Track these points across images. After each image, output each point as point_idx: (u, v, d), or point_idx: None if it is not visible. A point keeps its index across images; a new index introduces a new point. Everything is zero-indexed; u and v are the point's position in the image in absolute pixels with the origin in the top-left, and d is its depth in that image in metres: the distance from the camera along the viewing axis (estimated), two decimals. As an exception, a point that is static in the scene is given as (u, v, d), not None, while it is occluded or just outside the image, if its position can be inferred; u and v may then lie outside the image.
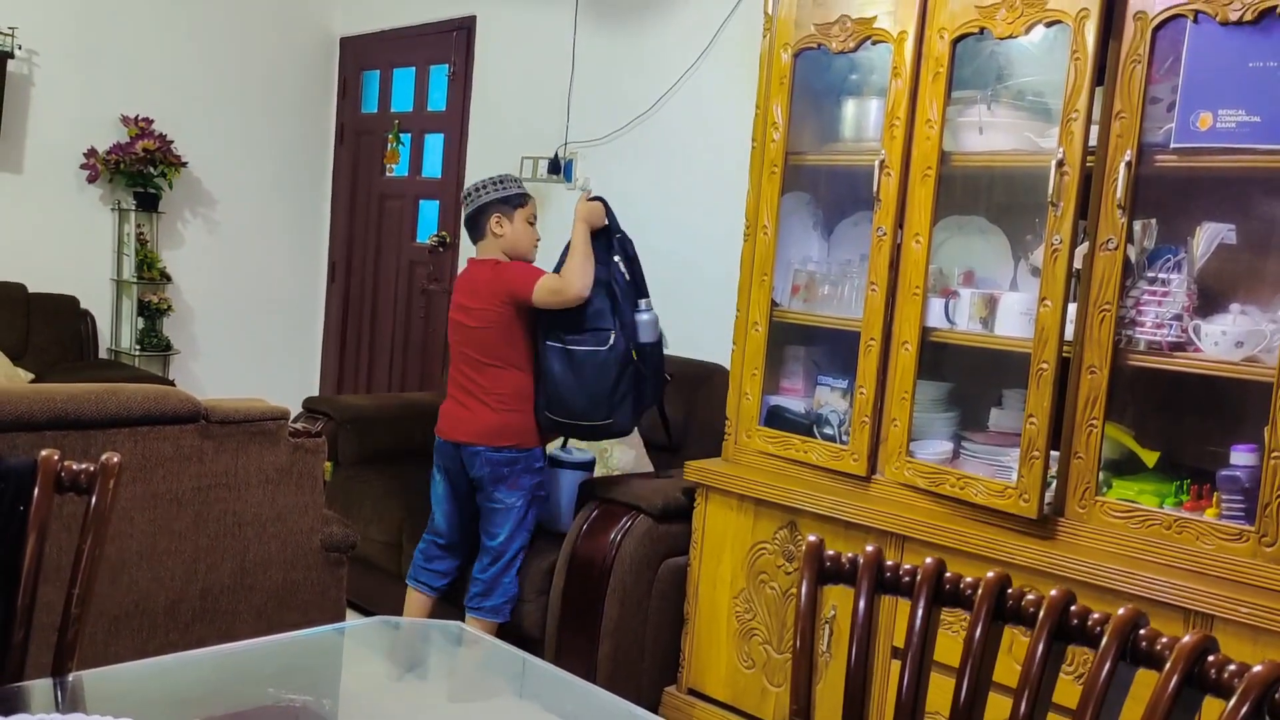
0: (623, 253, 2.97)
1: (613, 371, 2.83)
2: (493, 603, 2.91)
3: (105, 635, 2.14)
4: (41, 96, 4.54)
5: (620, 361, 2.84)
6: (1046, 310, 2.20)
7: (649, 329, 2.93)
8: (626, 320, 2.88)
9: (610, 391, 2.84)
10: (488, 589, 2.92)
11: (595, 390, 2.84)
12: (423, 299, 4.92)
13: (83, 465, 1.30)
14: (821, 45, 2.64)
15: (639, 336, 2.90)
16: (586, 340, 2.84)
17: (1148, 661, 1.00)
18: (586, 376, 2.84)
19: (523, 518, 2.93)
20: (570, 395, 2.84)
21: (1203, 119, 2.07)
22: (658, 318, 2.97)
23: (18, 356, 4.26)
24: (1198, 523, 2.05)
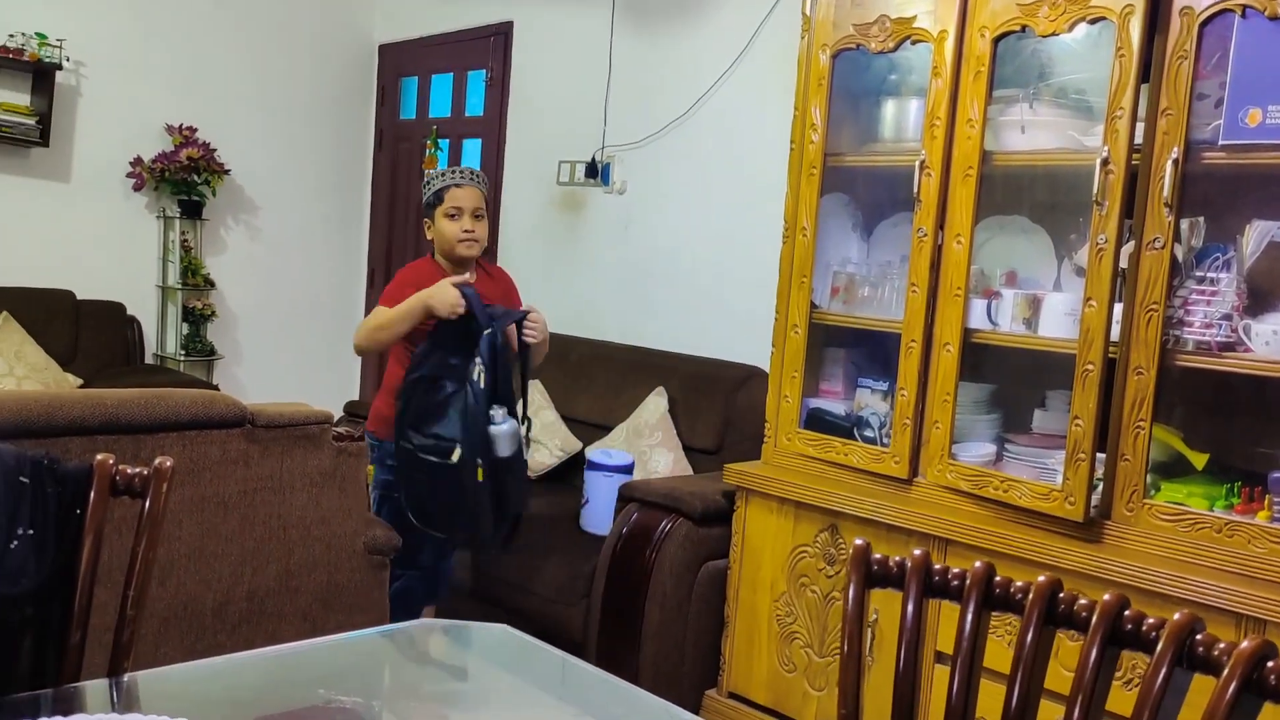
0: (489, 353, 2.61)
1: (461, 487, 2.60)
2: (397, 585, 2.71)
3: (155, 636, 2.18)
4: (88, 107, 4.63)
5: (467, 478, 2.59)
6: (1092, 310, 2.18)
7: (506, 442, 2.63)
8: (480, 431, 2.58)
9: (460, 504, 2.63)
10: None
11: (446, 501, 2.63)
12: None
13: (136, 469, 1.32)
14: (860, 46, 2.63)
15: (495, 451, 2.61)
16: (430, 449, 2.61)
17: (1205, 667, 0.98)
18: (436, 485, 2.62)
19: (376, 509, 2.74)
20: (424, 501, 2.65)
21: (1252, 115, 2.03)
22: (517, 428, 2.67)
23: (67, 362, 4.35)
24: (1249, 526, 2.01)
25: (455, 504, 2.64)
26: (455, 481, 2.60)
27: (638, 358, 3.78)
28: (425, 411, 2.62)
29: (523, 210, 4.59)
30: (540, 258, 4.49)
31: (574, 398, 3.87)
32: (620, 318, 4.10)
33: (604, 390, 3.78)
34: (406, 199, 5.31)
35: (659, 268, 3.98)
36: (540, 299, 4.45)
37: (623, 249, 4.14)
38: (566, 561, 3.03)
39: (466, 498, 2.62)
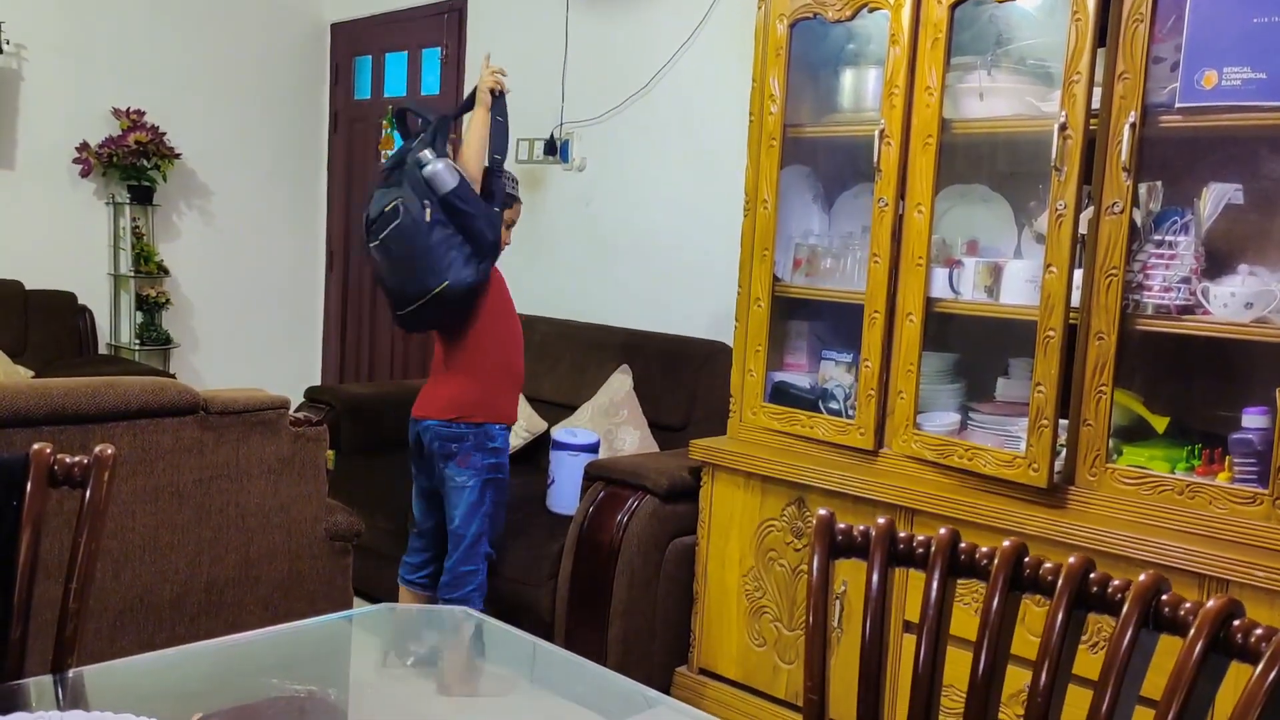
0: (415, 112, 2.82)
1: (420, 236, 2.64)
2: (459, 594, 2.77)
3: (110, 630, 2.13)
4: (31, 91, 4.50)
5: (421, 223, 2.64)
6: (1052, 277, 2.17)
7: (446, 176, 2.67)
8: (413, 181, 2.67)
9: (428, 255, 2.65)
10: (454, 580, 2.79)
11: (415, 263, 2.66)
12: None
13: (76, 458, 1.28)
14: (817, 15, 2.60)
15: (437, 190, 2.66)
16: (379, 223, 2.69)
17: (1171, 628, 0.97)
18: (397, 254, 2.67)
19: (477, 500, 2.76)
20: (396, 282, 2.69)
21: (1207, 77, 2.03)
22: (449, 162, 2.71)
23: (17, 354, 4.24)
24: (1210, 487, 2.03)
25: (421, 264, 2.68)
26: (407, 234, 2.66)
27: (601, 336, 3.75)
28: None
29: (482, 190, 4.53)
30: (501, 237, 4.43)
31: (538, 378, 3.83)
32: (583, 296, 4.06)
33: (568, 369, 3.75)
34: (364, 180, 5.22)
35: (621, 245, 3.95)
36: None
37: (584, 226, 4.10)
38: (533, 542, 3.00)
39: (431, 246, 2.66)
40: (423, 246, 2.65)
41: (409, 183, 2.69)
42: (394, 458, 3.71)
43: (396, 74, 5.06)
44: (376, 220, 2.70)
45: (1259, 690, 0.89)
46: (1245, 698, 0.90)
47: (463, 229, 2.69)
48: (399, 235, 2.65)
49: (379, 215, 2.69)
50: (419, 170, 2.68)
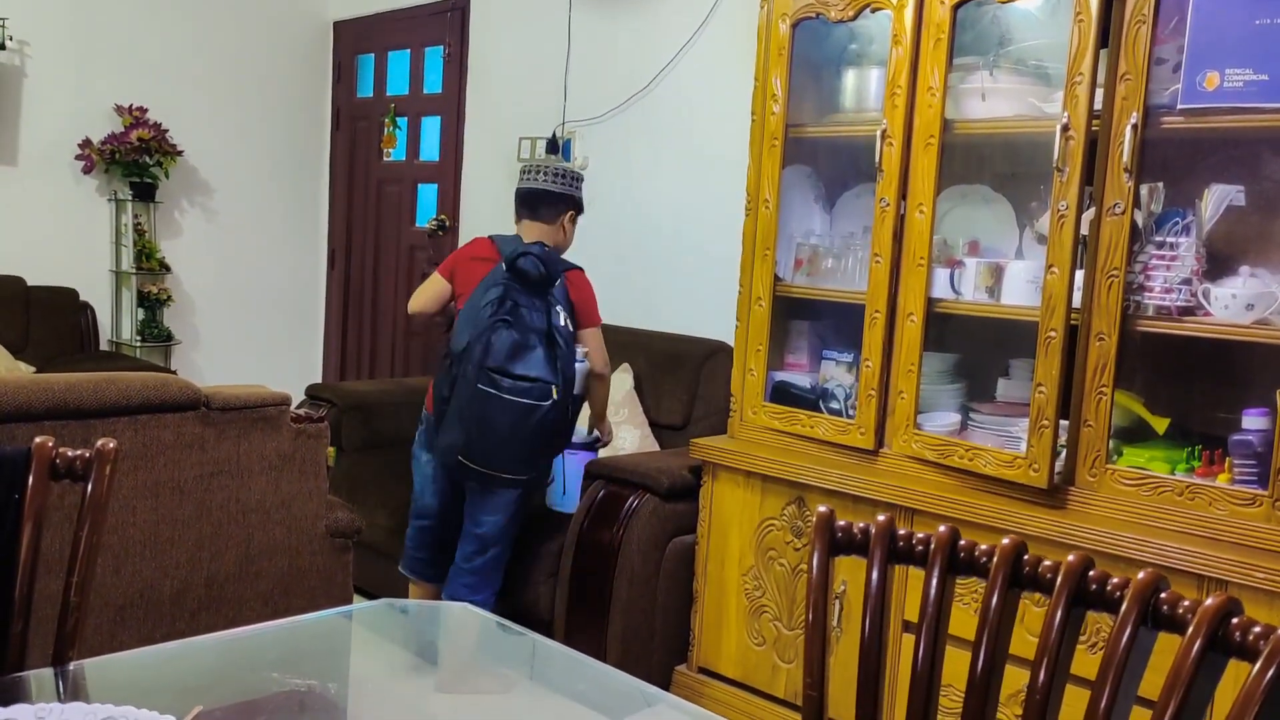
0: (563, 296, 2.73)
1: (548, 427, 2.63)
2: (481, 597, 2.76)
3: (111, 625, 2.13)
4: (34, 88, 4.50)
5: (557, 417, 2.65)
6: (1054, 278, 2.17)
7: (582, 381, 2.76)
8: (569, 374, 2.66)
9: (539, 446, 2.68)
10: (477, 583, 2.77)
11: (525, 443, 2.64)
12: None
13: (78, 452, 1.28)
14: (820, 15, 2.60)
15: (575, 388, 2.71)
16: (526, 391, 2.59)
17: (1170, 626, 0.97)
18: (519, 429, 2.60)
19: (519, 509, 2.79)
20: (497, 445, 2.62)
21: (1209, 79, 2.03)
22: (588, 367, 2.79)
23: (18, 350, 4.25)
24: (1210, 488, 2.03)
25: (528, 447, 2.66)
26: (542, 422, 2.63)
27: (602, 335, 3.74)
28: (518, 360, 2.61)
29: (483, 188, 4.53)
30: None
31: (539, 376, 3.83)
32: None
33: (569, 368, 3.74)
34: (365, 178, 5.23)
35: (622, 244, 3.95)
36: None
37: (585, 225, 4.08)
38: (533, 540, 3.00)
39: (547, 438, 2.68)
40: (543, 436, 2.66)
41: (564, 375, 2.65)
42: (394, 455, 3.72)
43: (399, 72, 5.06)
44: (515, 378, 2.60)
45: (1257, 688, 0.89)
46: (1243, 696, 0.91)
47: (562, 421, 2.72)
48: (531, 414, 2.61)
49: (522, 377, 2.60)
50: (574, 364, 2.70)
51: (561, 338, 2.66)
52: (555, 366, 2.62)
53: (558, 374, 2.62)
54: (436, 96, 4.83)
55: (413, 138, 4.97)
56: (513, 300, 2.64)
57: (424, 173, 4.94)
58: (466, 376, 2.61)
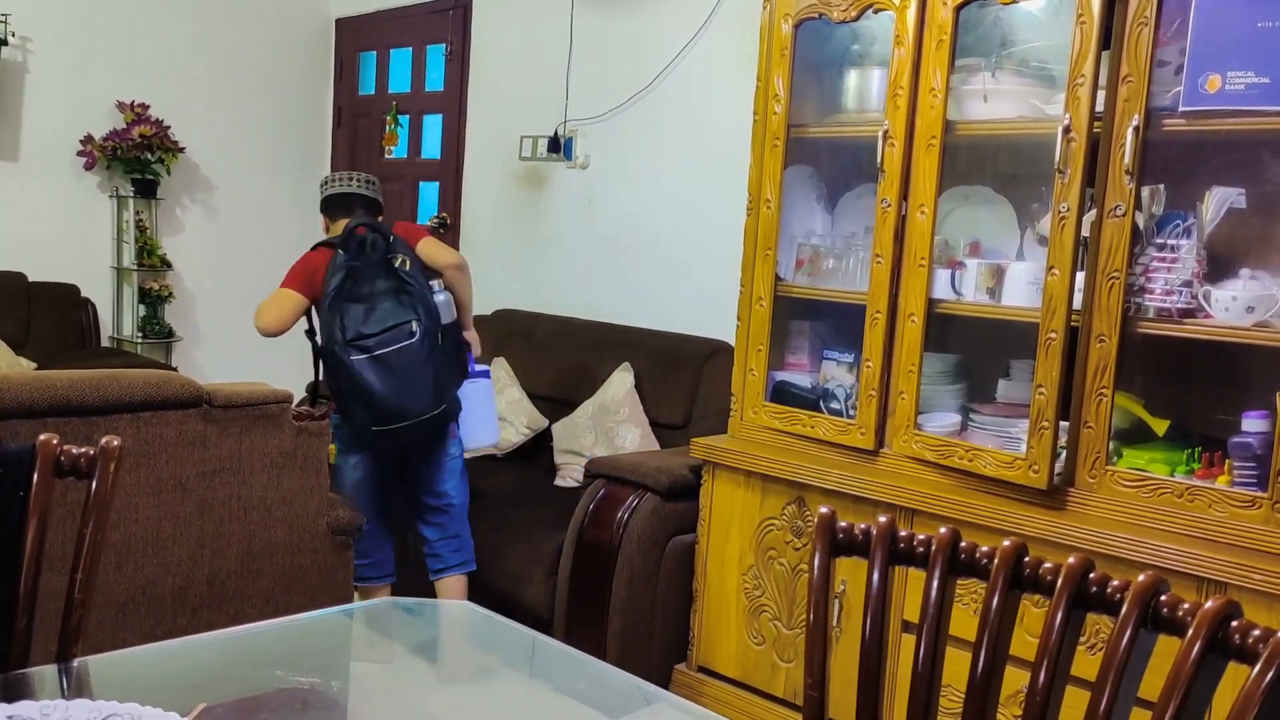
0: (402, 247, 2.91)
1: (429, 356, 2.78)
2: (465, 555, 3.01)
3: (113, 622, 2.13)
4: (36, 84, 4.50)
5: (431, 344, 2.78)
6: (1054, 279, 2.18)
7: (446, 309, 2.89)
8: (429, 305, 2.82)
9: (432, 377, 2.79)
10: (460, 544, 3.00)
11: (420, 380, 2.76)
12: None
13: (82, 449, 1.28)
14: (822, 15, 2.60)
15: (441, 317, 2.85)
16: (391, 340, 2.75)
17: (1170, 628, 0.98)
18: (406, 371, 2.75)
19: (464, 467, 3.03)
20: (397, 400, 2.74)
21: (1211, 81, 2.04)
22: (449, 296, 2.93)
23: (20, 346, 4.25)
24: (1209, 490, 2.03)
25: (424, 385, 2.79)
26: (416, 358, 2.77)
27: (603, 334, 3.75)
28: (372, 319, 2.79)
29: (484, 186, 4.54)
30: (503, 234, 4.44)
31: (539, 375, 3.84)
32: (585, 294, 4.07)
33: (569, 367, 3.75)
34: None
35: (623, 243, 3.95)
36: (503, 276, 4.42)
37: (586, 224, 4.10)
38: (533, 539, 3.01)
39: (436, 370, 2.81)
40: (429, 371, 2.78)
41: (421, 306, 2.79)
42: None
43: (401, 70, 5.06)
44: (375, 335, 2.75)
45: (1256, 690, 0.90)
46: (1242, 698, 0.91)
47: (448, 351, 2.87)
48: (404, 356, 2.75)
49: (380, 331, 2.75)
50: (431, 296, 2.83)
51: (409, 280, 2.82)
52: (409, 305, 2.79)
53: (414, 310, 2.78)
54: (438, 94, 4.83)
55: (414, 135, 4.97)
56: (353, 279, 2.82)
57: (425, 171, 4.94)
58: (338, 357, 2.75)
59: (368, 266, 2.84)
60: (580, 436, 3.49)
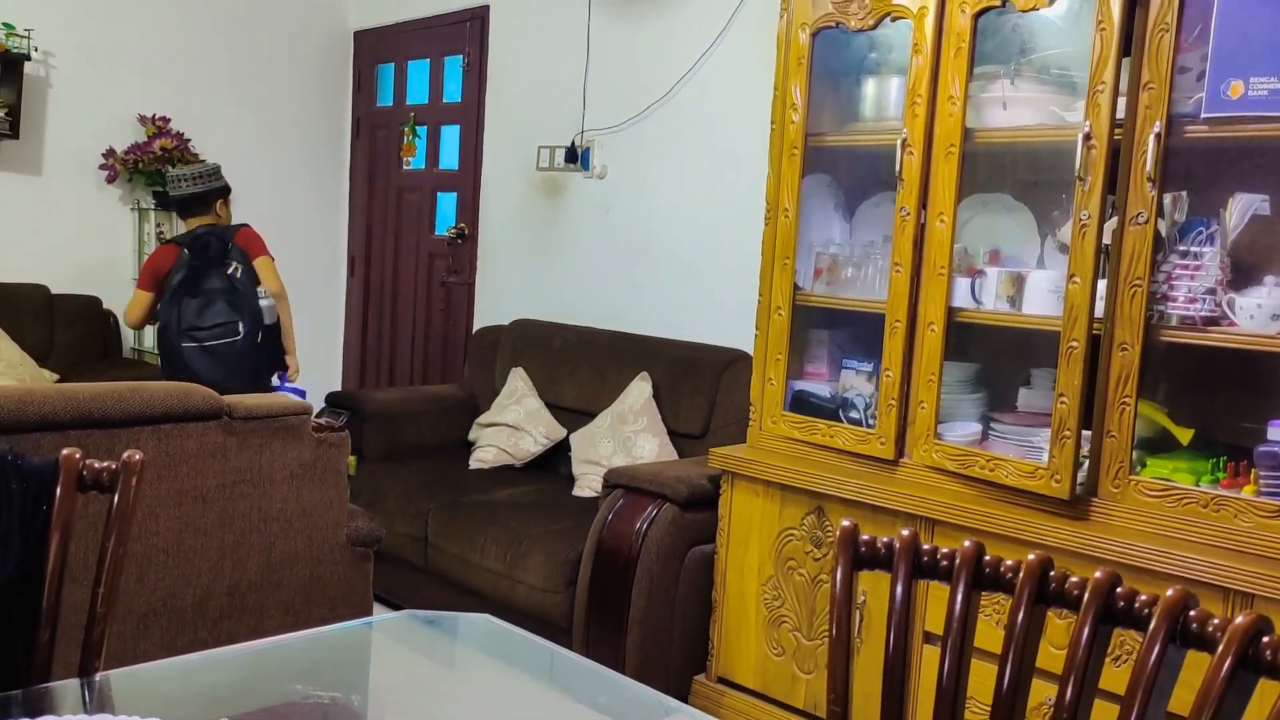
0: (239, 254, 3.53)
1: (250, 351, 3.44)
2: None
3: (134, 633, 2.14)
4: (58, 98, 4.55)
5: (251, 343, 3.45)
6: (1076, 287, 2.16)
7: (269, 313, 3.51)
8: (254, 309, 3.46)
9: (250, 368, 3.43)
10: None
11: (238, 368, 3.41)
12: (442, 291, 4.92)
13: (105, 463, 1.29)
14: (840, 24, 2.60)
15: (265, 319, 3.48)
16: (221, 334, 3.42)
17: (1199, 643, 0.97)
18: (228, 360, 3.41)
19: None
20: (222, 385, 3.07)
21: (1234, 87, 2.02)
22: (273, 302, 3.53)
23: (42, 358, 4.29)
24: (1235, 500, 2.01)
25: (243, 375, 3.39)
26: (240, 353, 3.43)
27: (621, 343, 3.75)
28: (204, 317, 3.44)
29: (502, 196, 4.55)
30: (521, 244, 4.45)
31: (557, 385, 3.84)
32: (602, 303, 4.07)
33: (588, 377, 3.75)
34: (385, 186, 5.25)
35: (641, 252, 3.96)
36: (521, 285, 4.43)
37: (604, 234, 4.11)
38: (551, 549, 3.01)
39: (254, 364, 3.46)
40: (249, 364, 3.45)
41: (247, 309, 3.46)
42: (415, 463, 3.73)
43: (419, 81, 5.09)
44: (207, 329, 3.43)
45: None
46: (1273, 715, 0.90)
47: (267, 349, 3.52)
48: (230, 350, 3.44)
49: (211, 326, 3.43)
50: (257, 302, 3.48)
51: (239, 285, 3.45)
52: (237, 307, 3.44)
53: (240, 312, 3.44)
54: (456, 105, 4.85)
55: (432, 146, 4.99)
56: (192, 277, 3.43)
57: (443, 181, 4.96)
58: (173, 344, 3.41)
59: (206, 266, 3.46)
60: (598, 446, 3.49)
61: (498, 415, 3.86)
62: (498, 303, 4.53)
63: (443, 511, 3.31)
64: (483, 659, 1.70)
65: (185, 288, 3.43)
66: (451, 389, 4.27)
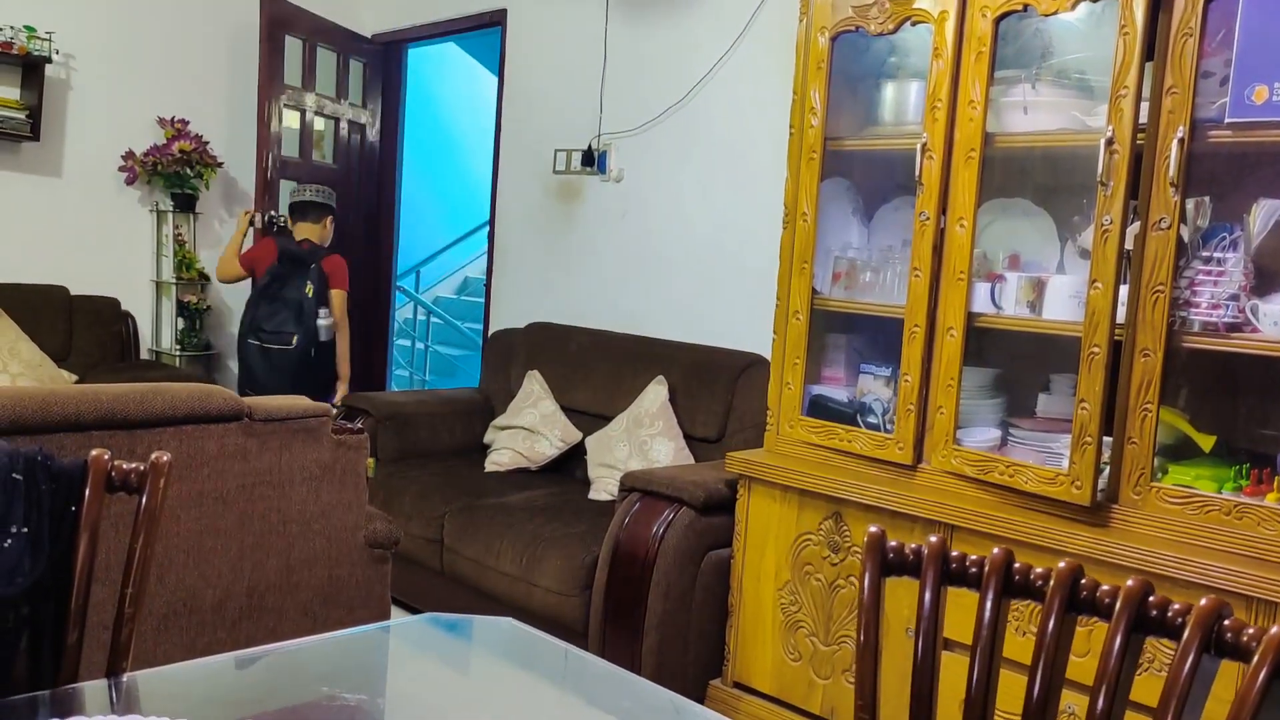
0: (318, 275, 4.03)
1: (298, 361, 3.95)
2: None
3: (154, 633, 2.15)
4: (79, 100, 4.58)
5: (301, 356, 3.96)
6: (1097, 293, 2.15)
7: (326, 332, 4.01)
8: (310, 327, 3.97)
9: (293, 376, 3.90)
10: None
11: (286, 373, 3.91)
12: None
13: (133, 465, 1.29)
14: (859, 28, 2.60)
15: (319, 337, 3.99)
16: (275, 339, 3.96)
17: (1234, 653, 0.96)
18: (277, 364, 3.94)
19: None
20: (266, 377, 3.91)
21: (1258, 92, 2.01)
22: (331, 324, 4.04)
23: (61, 359, 4.31)
24: (1258, 508, 1.99)
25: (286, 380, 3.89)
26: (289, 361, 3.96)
27: (637, 347, 3.75)
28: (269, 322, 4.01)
29: (519, 199, 4.56)
30: (537, 247, 4.45)
31: (573, 388, 3.84)
32: (619, 307, 4.07)
33: (604, 380, 3.75)
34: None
35: (657, 256, 3.96)
36: (537, 289, 4.44)
37: (620, 237, 4.11)
38: (568, 553, 3.01)
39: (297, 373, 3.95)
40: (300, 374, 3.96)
41: (305, 326, 3.97)
42: (430, 465, 3.74)
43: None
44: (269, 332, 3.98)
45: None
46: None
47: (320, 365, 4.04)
48: (283, 356, 3.97)
49: (274, 331, 3.98)
50: (315, 321, 3.98)
51: (306, 304, 3.98)
52: (298, 322, 3.96)
53: (300, 327, 3.96)
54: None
55: (448, 149, 5.00)
56: (277, 281, 4.01)
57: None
58: (243, 338, 4.03)
59: (288, 278, 4.00)
60: (614, 449, 3.49)
61: (513, 418, 3.87)
62: (514, 305, 4.53)
63: (458, 515, 3.32)
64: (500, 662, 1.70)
65: (265, 292, 4.00)
66: (467, 392, 4.28)
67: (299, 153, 4.92)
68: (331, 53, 5.01)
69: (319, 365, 3.99)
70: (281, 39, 4.70)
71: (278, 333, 3.92)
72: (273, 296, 3.98)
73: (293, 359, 3.92)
